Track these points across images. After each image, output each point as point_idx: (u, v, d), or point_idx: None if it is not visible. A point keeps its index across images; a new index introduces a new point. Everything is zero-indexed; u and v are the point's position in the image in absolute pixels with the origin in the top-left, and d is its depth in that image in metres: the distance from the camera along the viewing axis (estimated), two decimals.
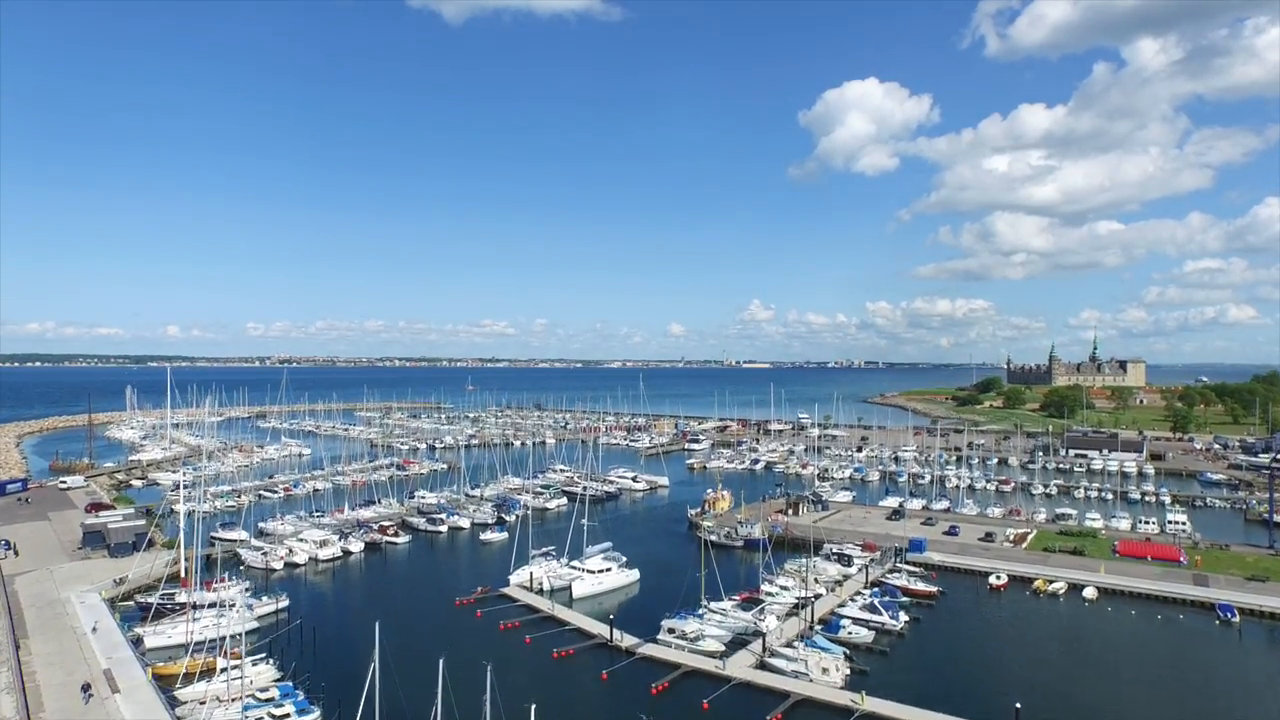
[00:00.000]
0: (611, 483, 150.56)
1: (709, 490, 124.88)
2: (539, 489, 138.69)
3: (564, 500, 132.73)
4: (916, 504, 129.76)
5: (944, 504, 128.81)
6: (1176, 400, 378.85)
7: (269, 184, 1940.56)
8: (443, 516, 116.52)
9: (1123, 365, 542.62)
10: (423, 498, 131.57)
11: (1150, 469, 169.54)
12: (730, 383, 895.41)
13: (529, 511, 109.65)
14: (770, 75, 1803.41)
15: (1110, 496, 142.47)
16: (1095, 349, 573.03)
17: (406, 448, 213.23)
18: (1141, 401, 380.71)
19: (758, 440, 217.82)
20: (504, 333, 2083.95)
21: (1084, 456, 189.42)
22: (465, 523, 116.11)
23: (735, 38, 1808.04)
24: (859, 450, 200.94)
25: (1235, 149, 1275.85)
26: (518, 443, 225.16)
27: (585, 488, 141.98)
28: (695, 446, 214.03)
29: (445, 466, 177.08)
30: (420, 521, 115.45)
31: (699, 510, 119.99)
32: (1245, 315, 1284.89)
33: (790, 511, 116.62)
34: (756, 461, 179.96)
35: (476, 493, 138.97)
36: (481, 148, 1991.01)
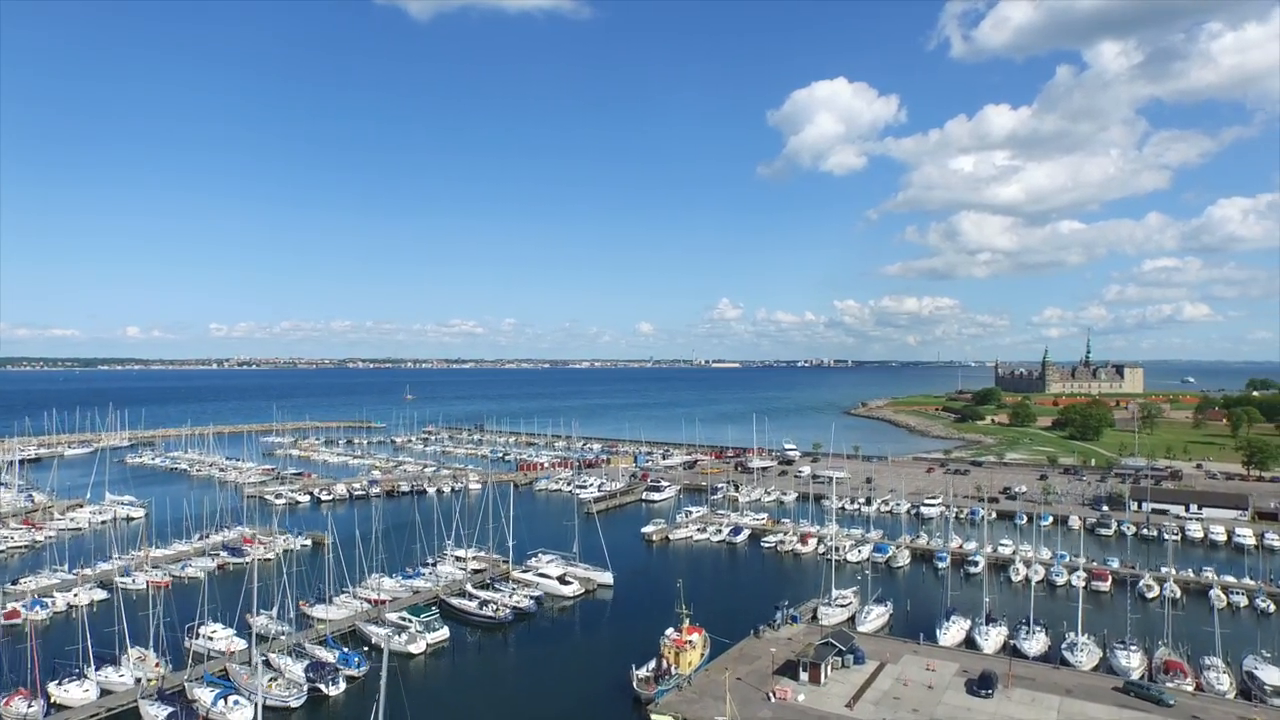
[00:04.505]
0: (529, 584, 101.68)
1: (669, 631, 76.02)
2: (404, 616, 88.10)
3: (444, 634, 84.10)
4: (993, 635, 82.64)
5: (1039, 639, 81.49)
6: (1195, 411, 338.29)
7: (233, 182, 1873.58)
8: (205, 700, 66.45)
9: (1119, 370, 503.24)
10: (209, 638, 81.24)
11: (1275, 538, 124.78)
12: (699, 384, 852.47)
13: (369, 671, 60.71)
14: (738, 74, 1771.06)
15: (1265, 602, 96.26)
16: (1089, 352, 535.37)
17: (283, 501, 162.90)
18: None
19: (736, 485, 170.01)
20: (472, 332, 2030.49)
21: (1163, 511, 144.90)
22: (245, 712, 66.21)
23: (703, 37, 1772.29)
24: (868, 502, 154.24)
25: (1191, 150, 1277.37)
26: (432, 490, 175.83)
27: (485, 603, 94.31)
28: (656, 496, 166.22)
29: (308, 544, 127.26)
30: (160, 713, 65.30)
31: (651, 673, 71.49)
32: (1200, 313, 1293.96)
33: (807, 677, 68.98)
34: (737, 532, 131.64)
35: (319, 613, 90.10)
36: (449, 145, 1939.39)
